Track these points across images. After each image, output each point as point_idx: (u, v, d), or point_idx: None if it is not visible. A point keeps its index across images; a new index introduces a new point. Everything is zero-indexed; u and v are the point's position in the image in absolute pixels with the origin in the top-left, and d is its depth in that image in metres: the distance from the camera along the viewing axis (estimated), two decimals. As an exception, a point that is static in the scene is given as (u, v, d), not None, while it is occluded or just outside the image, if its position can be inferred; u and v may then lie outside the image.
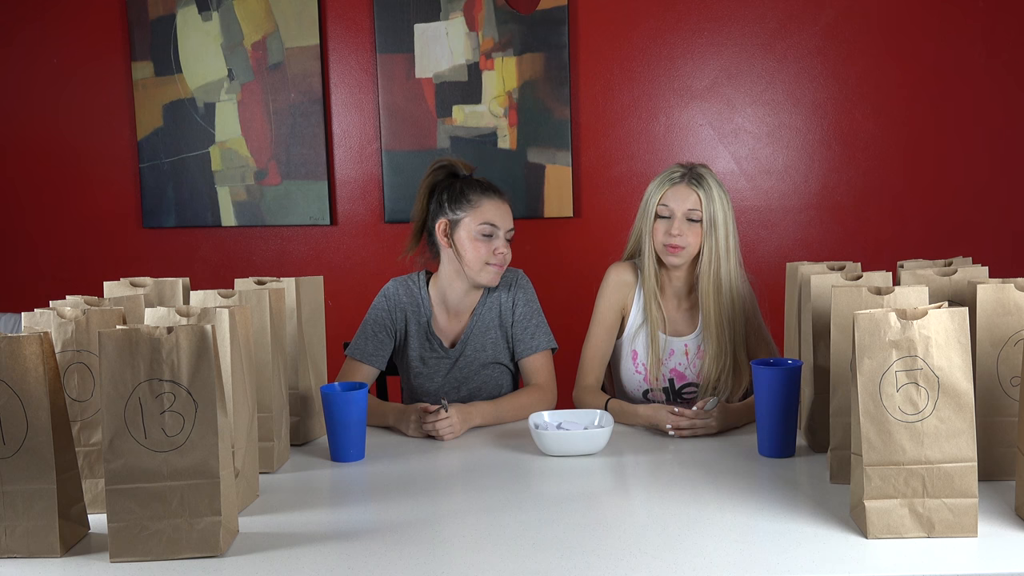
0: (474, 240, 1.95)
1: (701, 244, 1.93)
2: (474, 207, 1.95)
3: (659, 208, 1.94)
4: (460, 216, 1.96)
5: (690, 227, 1.92)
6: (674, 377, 2.03)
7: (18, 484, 1.22)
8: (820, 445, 1.60)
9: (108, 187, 3.16)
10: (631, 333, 2.04)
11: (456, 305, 2.05)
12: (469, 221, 1.95)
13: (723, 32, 3.01)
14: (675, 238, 1.92)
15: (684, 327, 2.04)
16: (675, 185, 1.94)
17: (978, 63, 2.98)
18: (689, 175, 1.94)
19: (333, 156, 3.11)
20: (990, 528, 1.22)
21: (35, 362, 1.22)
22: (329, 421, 1.64)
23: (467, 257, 1.96)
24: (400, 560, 1.18)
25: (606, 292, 2.05)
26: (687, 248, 1.93)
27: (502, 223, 1.96)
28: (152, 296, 1.73)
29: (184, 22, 3.05)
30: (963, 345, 1.21)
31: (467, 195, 1.97)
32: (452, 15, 3.00)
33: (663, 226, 1.94)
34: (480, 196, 1.96)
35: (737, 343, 1.96)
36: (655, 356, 2.00)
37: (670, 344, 2.02)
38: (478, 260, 1.95)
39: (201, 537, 1.20)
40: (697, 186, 1.92)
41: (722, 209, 1.93)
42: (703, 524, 1.27)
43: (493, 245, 1.95)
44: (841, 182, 3.05)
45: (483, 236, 1.94)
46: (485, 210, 1.95)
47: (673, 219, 1.93)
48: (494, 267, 1.96)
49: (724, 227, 1.93)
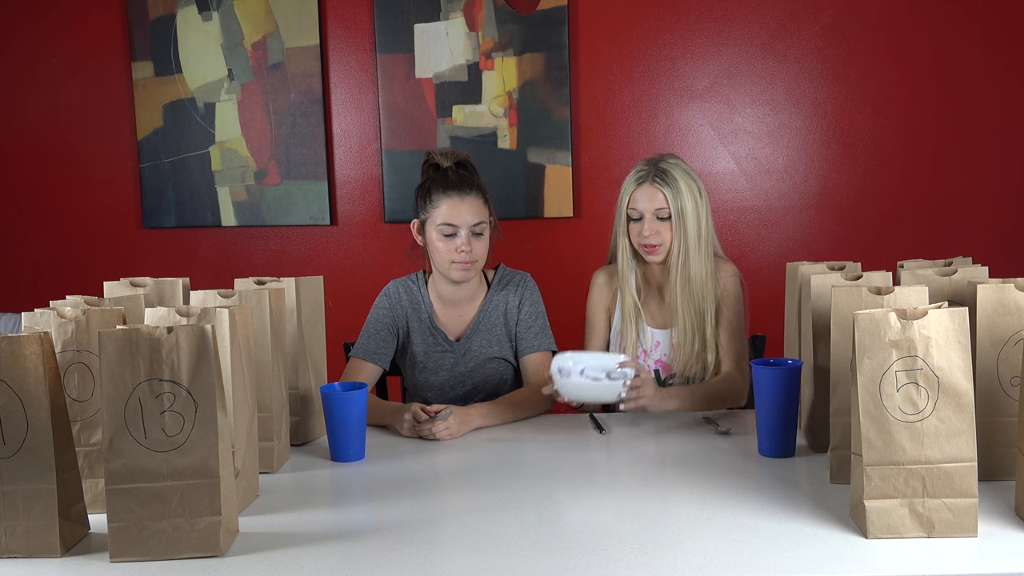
0: (438, 240, 1.95)
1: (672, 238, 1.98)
2: (435, 207, 1.95)
3: (629, 211, 2.00)
4: (425, 216, 1.98)
5: (661, 224, 1.97)
6: (659, 368, 2.07)
7: (18, 484, 1.22)
8: (820, 445, 1.60)
9: (108, 187, 3.16)
10: (617, 329, 2.11)
11: (452, 299, 2.06)
12: (431, 221, 1.96)
13: (723, 32, 3.01)
14: (648, 238, 1.97)
15: (669, 319, 2.07)
16: (641, 185, 1.98)
17: (978, 63, 2.98)
18: (653, 172, 1.97)
19: (333, 156, 3.11)
20: (990, 528, 1.22)
21: (35, 362, 1.21)
22: (329, 421, 1.64)
23: (435, 256, 1.98)
24: (400, 560, 1.18)
25: (592, 296, 2.14)
26: (662, 244, 1.98)
27: (461, 221, 1.94)
28: (152, 296, 1.73)
29: (184, 22, 3.05)
30: (963, 345, 1.21)
31: (431, 194, 1.97)
32: (452, 15, 3.00)
33: (636, 227, 1.99)
34: (440, 195, 1.95)
35: (707, 329, 2.00)
36: (633, 349, 2.06)
37: (655, 336, 2.07)
38: (443, 259, 1.96)
39: (201, 537, 1.20)
40: (662, 184, 1.96)
41: (691, 199, 1.96)
42: (703, 524, 1.27)
43: (455, 243, 1.94)
44: (841, 182, 3.05)
45: (444, 236, 1.95)
46: (443, 210, 1.94)
47: (643, 220, 1.98)
48: (460, 264, 1.95)
49: (694, 216, 1.96)
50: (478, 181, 2.00)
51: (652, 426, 1.85)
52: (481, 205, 1.97)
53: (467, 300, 2.07)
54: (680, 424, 1.85)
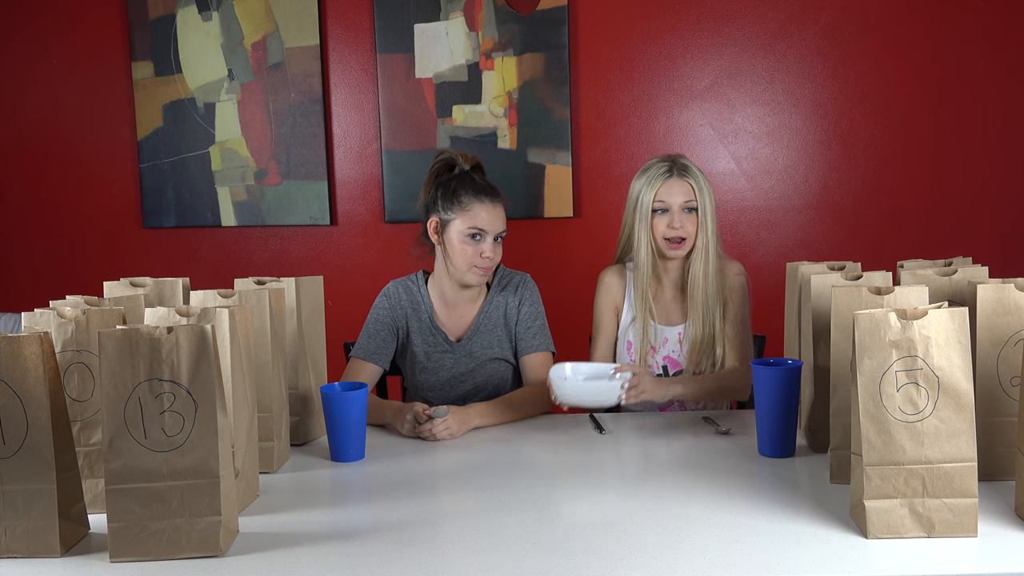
0: (462, 242, 1.96)
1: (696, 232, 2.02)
2: (465, 210, 1.96)
3: (656, 203, 2.01)
4: (451, 217, 1.97)
5: (688, 217, 2.01)
6: (668, 364, 2.09)
7: (18, 484, 1.22)
8: (820, 445, 1.60)
9: (108, 187, 3.16)
10: (625, 326, 2.12)
11: (454, 299, 2.07)
12: (459, 223, 1.96)
13: (723, 32, 3.01)
14: (677, 231, 2.00)
15: (678, 316, 2.10)
16: (668, 180, 2.01)
17: (978, 63, 2.98)
18: (677, 167, 2.02)
19: (333, 156, 3.11)
20: (990, 528, 1.22)
21: (35, 362, 1.21)
22: (329, 421, 1.64)
23: (454, 258, 1.98)
24: (400, 560, 1.18)
25: (600, 296, 2.16)
26: (688, 238, 2.02)
27: (491, 227, 1.96)
28: (152, 296, 1.73)
29: (184, 22, 3.05)
30: (963, 345, 1.21)
31: (459, 196, 1.97)
32: (452, 15, 3.00)
33: (663, 221, 2.01)
34: (472, 199, 1.96)
35: (716, 324, 2.04)
36: (644, 346, 2.08)
37: (664, 333, 2.09)
38: (465, 261, 1.97)
39: (201, 537, 1.20)
40: (688, 177, 2.01)
41: (709, 196, 2.03)
42: (703, 524, 1.27)
43: (480, 248, 1.96)
44: (841, 182, 3.05)
45: (471, 239, 1.95)
46: (475, 214, 1.95)
47: (671, 213, 2.00)
48: (480, 269, 1.97)
49: (712, 212, 2.03)
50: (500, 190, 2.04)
51: (652, 426, 1.85)
52: (504, 213, 2.01)
53: (468, 301, 2.08)
54: (680, 424, 1.85)
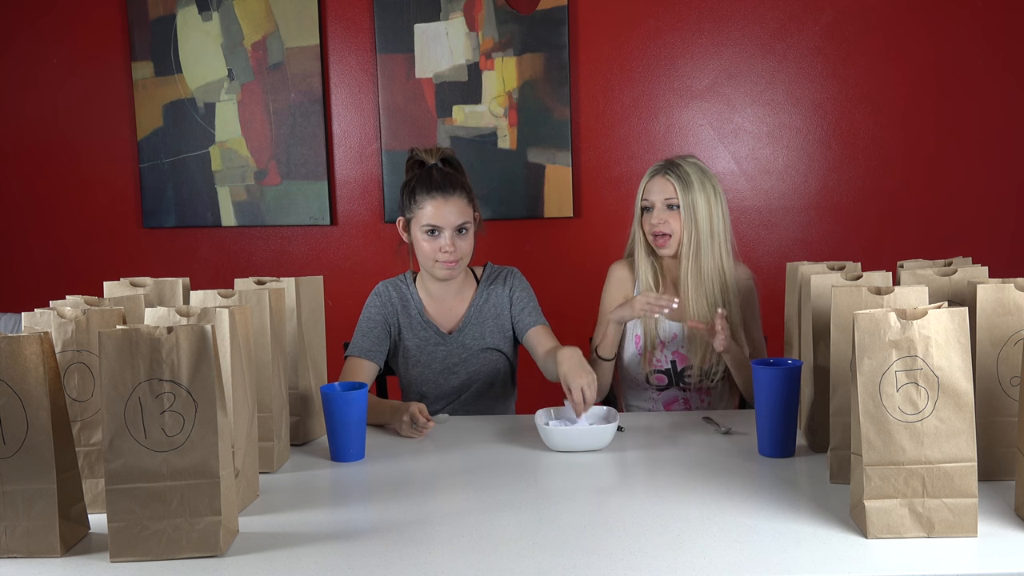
0: (422, 239, 1.98)
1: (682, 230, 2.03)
2: (419, 207, 1.97)
3: (643, 202, 2.08)
4: (411, 216, 2.01)
5: (670, 214, 2.03)
6: (676, 359, 2.11)
7: (18, 484, 1.22)
8: (820, 445, 1.60)
9: (108, 187, 3.16)
10: (633, 321, 2.12)
11: (440, 294, 2.09)
12: (415, 221, 1.99)
13: (723, 32, 3.01)
14: (656, 226, 2.04)
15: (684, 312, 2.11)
16: (653, 177, 2.07)
17: (978, 63, 2.98)
18: (665, 166, 2.06)
19: (333, 156, 3.11)
20: (990, 528, 1.22)
21: (35, 362, 1.21)
22: (329, 421, 1.64)
23: (419, 255, 2.01)
24: (400, 560, 1.18)
25: (608, 288, 2.18)
26: (672, 235, 2.03)
27: (445, 222, 1.95)
28: (152, 296, 1.73)
29: (184, 22, 3.05)
30: (963, 345, 1.21)
31: (415, 194, 1.98)
32: (452, 15, 3.00)
33: (647, 217, 2.06)
34: (424, 196, 1.97)
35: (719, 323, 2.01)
36: (650, 341, 2.10)
37: (671, 328, 2.11)
38: (427, 258, 1.99)
39: (201, 537, 1.20)
40: (671, 175, 2.03)
41: (704, 196, 2.02)
42: (703, 524, 1.27)
43: (439, 243, 1.97)
44: (841, 182, 3.05)
45: (429, 235, 1.97)
46: (427, 211, 1.96)
47: (653, 209, 2.05)
48: (443, 264, 1.98)
49: (707, 212, 2.02)
50: (463, 180, 2.02)
51: (652, 426, 1.85)
52: (465, 205, 1.98)
53: (455, 295, 2.09)
54: (680, 424, 1.85)
